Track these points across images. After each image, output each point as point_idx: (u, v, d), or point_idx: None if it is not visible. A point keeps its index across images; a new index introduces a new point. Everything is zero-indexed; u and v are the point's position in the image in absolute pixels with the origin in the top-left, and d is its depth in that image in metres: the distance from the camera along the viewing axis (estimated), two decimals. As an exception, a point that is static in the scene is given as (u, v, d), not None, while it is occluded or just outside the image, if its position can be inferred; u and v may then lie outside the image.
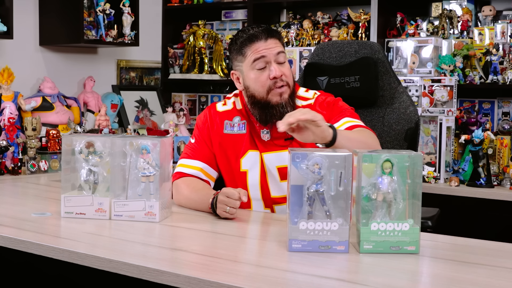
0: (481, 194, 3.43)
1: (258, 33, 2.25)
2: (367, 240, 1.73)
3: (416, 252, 1.73)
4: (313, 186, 1.73)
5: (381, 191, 1.72)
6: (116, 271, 1.67)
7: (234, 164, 2.36)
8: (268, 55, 2.25)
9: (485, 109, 3.91)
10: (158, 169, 2.08)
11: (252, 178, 2.34)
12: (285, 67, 2.27)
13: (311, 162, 1.72)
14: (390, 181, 1.72)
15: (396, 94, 2.61)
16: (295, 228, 1.73)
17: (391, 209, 1.73)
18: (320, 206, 1.74)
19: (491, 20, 3.87)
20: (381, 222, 1.72)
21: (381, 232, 1.72)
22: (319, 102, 2.32)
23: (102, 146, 2.11)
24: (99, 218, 2.10)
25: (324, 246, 1.74)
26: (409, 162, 1.73)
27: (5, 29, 3.64)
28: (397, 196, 1.73)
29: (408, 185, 1.73)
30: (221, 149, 2.38)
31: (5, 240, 1.92)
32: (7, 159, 3.36)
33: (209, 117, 2.41)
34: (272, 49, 2.25)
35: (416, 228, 1.73)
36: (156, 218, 2.08)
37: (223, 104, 2.43)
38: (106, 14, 4.11)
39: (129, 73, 4.66)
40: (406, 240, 1.72)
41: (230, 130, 2.37)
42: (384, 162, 1.71)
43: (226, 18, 4.77)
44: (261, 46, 2.25)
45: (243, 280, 1.53)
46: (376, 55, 2.64)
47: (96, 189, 2.12)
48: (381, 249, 1.73)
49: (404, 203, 1.73)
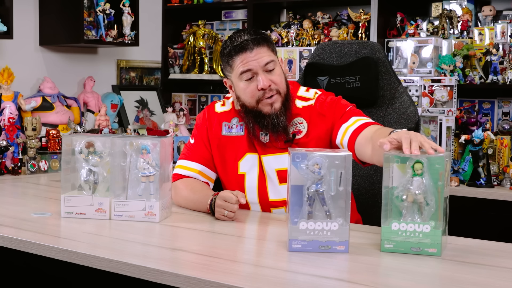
0: (481, 194, 3.43)
1: (245, 43, 2.19)
2: (388, 239, 1.73)
3: (437, 254, 1.71)
4: (313, 186, 1.73)
5: (411, 192, 1.71)
6: (116, 271, 1.67)
7: (232, 167, 2.33)
8: (254, 67, 2.19)
9: (485, 109, 3.91)
10: (158, 169, 2.08)
11: (250, 181, 2.31)
12: (274, 75, 2.22)
13: (311, 162, 1.72)
14: (420, 183, 1.71)
15: (396, 94, 2.61)
16: (295, 228, 1.73)
17: (423, 210, 1.72)
18: (320, 206, 1.74)
19: (491, 20, 3.87)
20: (402, 222, 1.72)
21: (402, 232, 1.72)
22: (320, 102, 2.29)
23: (102, 146, 2.11)
24: (99, 218, 2.10)
25: (324, 246, 1.74)
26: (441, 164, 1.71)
27: (5, 29, 3.64)
28: (428, 198, 1.72)
29: (440, 187, 1.72)
30: (219, 151, 2.35)
31: (5, 240, 1.92)
32: (7, 159, 3.36)
33: (208, 118, 2.39)
34: (259, 60, 2.19)
35: (438, 231, 1.71)
36: (156, 218, 2.08)
37: (221, 105, 2.41)
38: (106, 14, 4.11)
39: (129, 73, 4.66)
40: (427, 242, 1.72)
41: (228, 132, 2.34)
42: (415, 163, 1.71)
43: (226, 18, 4.77)
44: (248, 57, 2.19)
45: (243, 280, 1.53)
46: (377, 55, 2.64)
47: (96, 189, 2.12)
48: (401, 249, 1.72)
49: (436, 205, 1.72)
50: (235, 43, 2.22)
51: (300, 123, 2.28)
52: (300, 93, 2.35)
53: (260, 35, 2.24)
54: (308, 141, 2.26)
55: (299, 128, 2.28)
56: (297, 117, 2.29)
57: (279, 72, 2.24)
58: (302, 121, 2.29)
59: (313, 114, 2.28)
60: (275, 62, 2.24)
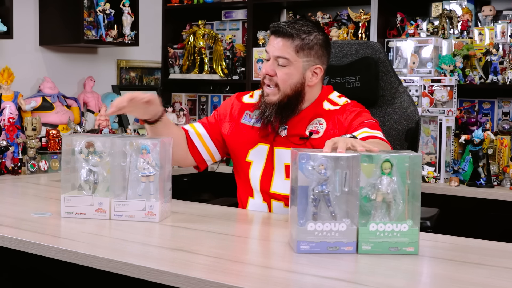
0: (481, 194, 3.43)
1: (278, 28, 2.26)
2: (366, 241, 1.72)
3: (415, 253, 1.72)
4: (318, 187, 1.72)
5: (381, 191, 1.71)
6: (116, 271, 1.67)
7: (241, 153, 2.38)
8: (270, 52, 2.27)
9: (485, 109, 3.91)
10: (158, 169, 2.08)
11: (254, 170, 2.35)
12: (282, 71, 2.25)
13: (316, 163, 1.72)
14: (389, 182, 1.72)
15: (396, 94, 2.61)
16: (303, 230, 1.71)
17: (391, 209, 1.73)
18: (325, 207, 1.73)
19: (491, 20, 3.87)
20: (380, 222, 1.72)
21: (380, 233, 1.72)
22: (344, 110, 2.30)
23: (102, 146, 2.11)
24: (99, 218, 2.10)
25: (332, 247, 1.72)
26: (409, 163, 1.72)
27: (5, 29, 3.65)
28: (397, 197, 1.72)
29: (408, 185, 1.73)
30: (232, 136, 2.40)
31: (5, 240, 1.92)
32: (7, 159, 3.36)
33: (234, 103, 2.46)
34: (276, 49, 2.25)
35: (415, 229, 1.72)
36: (156, 218, 2.08)
37: (250, 96, 2.46)
38: (106, 14, 4.11)
39: (129, 73, 4.66)
40: (405, 241, 1.72)
41: (248, 121, 2.39)
42: (383, 162, 1.71)
43: (226, 18, 4.77)
44: (273, 41, 2.27)
45: (243, 280, 1.52)
46: (377, 55, 2.64)
47: (96, 189, 2.12)
48: (379, 249, 1.72)
49: (403, 204, 1.73)
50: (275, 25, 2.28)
51: (320, 124, 2.30)
52: (331, 96, 2.36)
53: (294, 30, 2.25)
54: (321, 143, 2.25)
55: (317, 128, 2.30)
56: (320, 117, 2.31)
57: (288, 71, 2.26)
58: (322, 122, 2.30)
59: (334, 118, 2.30)
60: (290, 61, 2.25)
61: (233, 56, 4.58)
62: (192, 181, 4.25)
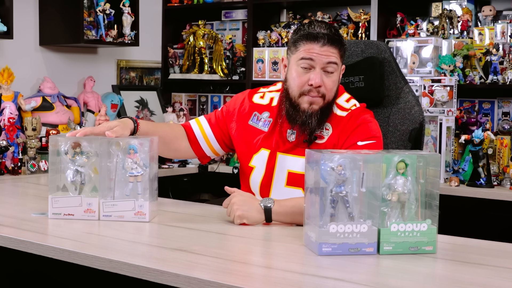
0: (481, 194, 3.43)
1: (321, 36, 2.15)
2: (387, 241, 1.72)
3: (433, 252, 1.73)
4: (336, 188, 1.71)
5: (396, 191, 1.71)
6: (116, 271, 1.67)
7: (246, 157, 2.34)
8: (316, 60, 2.15)
9: (485, 109, 3.91)
10: (146, 169, 2.07)
11: (255, 176, 2.32)
12: (330, 79, 2.18)
13: (335, 164, 1.71)
14: (404, 182, 1.71)
15: (401, 94, 2.59)
16: (324, 231, 1.70)
17: (405, 209, 1.73)
18: (343, 208, 1.72)
19: (491, 20, 3.87)
20: (400, 222, 1.72)
21: (401, 233, 1.72)
22: (351, 119, 2.25)
23: (89, 146, 2.10)
24: (88, 219, 2.09)
25: (354, 249, 1.71)
26: (423, 162, 1.72)
27: (5, 29, 3.65)
28: (411, 197, 1.72)
29: (421, 185, 1.73)
30: (238, 137, 2.37)
31: (5, 240, 1.92)
32: (7, 159, 3.36)
33: (244, 101, 2.39)
34: (324, 57, 2.15)
35: (434, 228, 1.73)
36: (146, 217, 2.07)
37: (260, 97, 2.39)
38: (106, 14, 4.11)
39: (129, 73, 4.66)
40: (424, 241, 1.73)
41: (255, 123, 2.34)
42: (398, 162, 1.71)
43: (226, 18, 4.78)
44: (315, 49, 2.14)
45: (242, 280, 1.53)
46: (382, 54, 2.62)
47: (82, 189, 2.11)
48: (400, 250, 1.72)
49: (416, 204, 1.73)
50: (312, 31, 2.17)
51: (326, 129, 2.25)
52: (339, 101, 2.30)
53: (338, 36, 2.19)
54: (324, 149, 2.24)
55: (323, 134, 2.25)
56: (328, 122, 2.25)
57: (335, 79, 2.20)
58: (329, 128, 2.25)
59: (339, 125, 2.25)
60: (337, 68, 2.19)
61: (233, 56, 4.58)
62: (192, 181, 4.25)
